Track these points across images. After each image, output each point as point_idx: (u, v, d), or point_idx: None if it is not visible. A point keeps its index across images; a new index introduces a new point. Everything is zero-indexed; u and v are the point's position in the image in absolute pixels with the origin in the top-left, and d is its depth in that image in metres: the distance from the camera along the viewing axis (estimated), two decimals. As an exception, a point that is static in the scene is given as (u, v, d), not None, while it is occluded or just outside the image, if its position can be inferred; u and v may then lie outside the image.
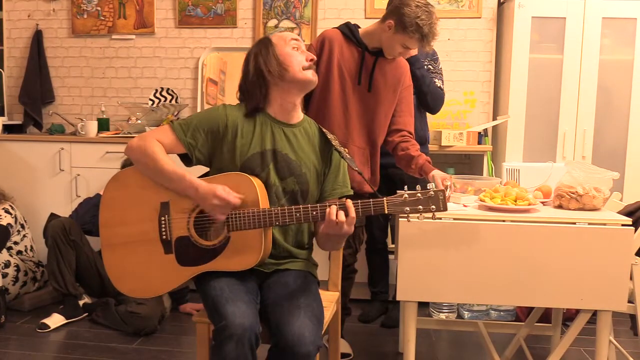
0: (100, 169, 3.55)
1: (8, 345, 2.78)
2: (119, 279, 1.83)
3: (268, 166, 1.81)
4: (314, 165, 1.87)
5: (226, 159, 1.81)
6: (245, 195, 1.72)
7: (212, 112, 1.84)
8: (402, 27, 2.24)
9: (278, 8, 3.85)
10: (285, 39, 1.85)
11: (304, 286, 1.79)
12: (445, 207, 1.65)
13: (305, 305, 1.67)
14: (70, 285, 3.03)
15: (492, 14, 3.71)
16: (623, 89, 3.41)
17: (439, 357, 2.77)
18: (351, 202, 1.67)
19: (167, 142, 1.80)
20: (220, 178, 1.77)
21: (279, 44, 1.84)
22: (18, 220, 3.39)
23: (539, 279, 1.92)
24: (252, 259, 1.72)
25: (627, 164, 3.41)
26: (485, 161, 3.42)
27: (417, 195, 1.64)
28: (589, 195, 2.00)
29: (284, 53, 1.82)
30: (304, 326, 1.59)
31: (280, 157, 1.82)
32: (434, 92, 2.93)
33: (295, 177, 1.84)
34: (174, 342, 2.84)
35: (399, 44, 2.30)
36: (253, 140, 1.81)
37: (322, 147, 1.91)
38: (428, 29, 2.23)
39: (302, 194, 1.85)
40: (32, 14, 4.08)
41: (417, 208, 1.64)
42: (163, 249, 1.78)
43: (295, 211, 1.69)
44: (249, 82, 1.85)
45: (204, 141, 1.81)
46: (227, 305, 1.60)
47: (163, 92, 3.95)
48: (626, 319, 2.64)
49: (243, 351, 1.55)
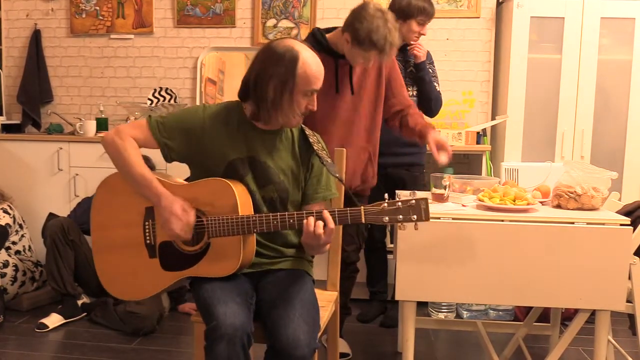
0: (98, 169, 3.54)
1: (7, 345, 2.77)
2: (108, 282, 1.86)
3: (247, 175, 1.79)
4: (292, 171, 1.83)
5: (205, 162, 1.79)
6: (225, 201, 1.70)
7: (191, 113, 1.81)
8: (357, 42, 2.20)
9: (277, 8, 3.85)
10: (311, 84, 1.70)
11: (299, 287, 1.77)
12: (427, 216, 1.59)
13: (300, 307, 1.66)
14: (68, 285, 3.03)
15: (490, 14, 3.71)
16: (621, 88, 3.41)
17: (437, 356, 2.77)
18: (328, 213, 1.63)
19: (141, 138, 1.77)
20: (200, 183, 1.76)
21: (301, 84, 1.69)
22: (16, 220, 3.39)
23: (537, 279, 1.92)
24: (232, 265, 1.71)
25: (625, 164, 3.42)
26: (484, 161, 3.42)
27: (397, 205, 1.60)
28: (587, 195, 2.01)
29: (295, 100, 1.71)
30: (299, 329, 1.58)
31: (258, 165, 1.79)
32: (437, 97, 2.97)
33: (274, 185, 1.81)
34: (172, 342, 2.83)
35: (360, 57, 2.26)
36: (232, 144, 1.78)
37: (302, 151, 1.85)
38: (384, 41, 2.17)
39: (282, 201, 1.83)
40: (31, 13, 4.07)
41: (397, 217, 1.60)
42: (148, 253, 1.79)
43: (273, 219, 1.67)
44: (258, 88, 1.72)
45: (180, 142, 1.78)
46: (219, 305, 1.61)
47: (162, 92, 3.94)
48: (625, 318, 2.64)
49: (235, 351, 1.55)
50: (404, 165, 3.00)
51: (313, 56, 1.72)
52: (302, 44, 1.73)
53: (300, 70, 1.67)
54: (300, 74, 1.68)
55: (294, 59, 1.67)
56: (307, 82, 1.70)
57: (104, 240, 1.84)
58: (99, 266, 1.86)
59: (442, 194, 2.12)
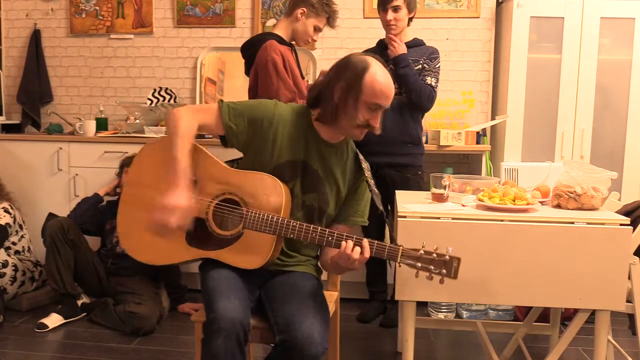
0: (98, 169, 3.54)
1: (6, 345, 2.77)
2: (125, 235, 1.84)
3: (297, 177, 1.81)
4: (337, 187, 1.87)
5: (260, 155, 1.80)
6: (271, 198, 1.72)
7: (262, 104, 1.84)
8: (314, 11, 2.80)
9: (277, 8, 3.85)
10: (376, 97, 1.72)
11: (312, 288, 1.80)
12: (456, 275, 1.64)
13: (315, 307, 1.68)
14: (68, 285, 3.03)
15: (490, 14, 3.71)
16: (621, 88, 3.41)
17: (437, 356, 2.77)
18: (368, 243, 1.66)
19: (209, 122, 1.79)
20: (251, 174, 1.77)
21: (366, 94, 1.72)
22: (16, 220, 3.38)
23: (537, 279, 1.92)
24: (258, 261, 1.72)
25: (625, 164, 3.42)
26: (483, 161, 3.42)
27: (433, 256, 1.64)
28: (587, 194, 2.00)
29: (359, 108, 1.72)
30: (314, 327, 1.60)
31: (310, 170, 1.82)
32: (418, 89, 2.94)
33: (318, 194, 1.84)
34: (172, 342, 2.83)
35: (312, 27, 2.83)
36: (291, 146, 1.81)
37: (352, 172, 1.90)
38: (333, 7, 2.86)
39: (320, 211, 1.85)
40: (31, 13, 4.07)
41: (429, 267, 1.64)
42: None
43: (313, 231, 1.69)
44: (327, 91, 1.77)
45: (244, 129, 1.80)
46: (221, 298, 1.62)
47: (162, 92, 3.94)
48: (624, 318, 2.64)
49: (231, 345, 1.56)
50: (398, 166, 3.00)
51: (385, 73, 1.75)
52: (377, 60, 1.76)
53: (367, 79, 1.71)
54: (366, 83, 1.71)
55: (364, 69, 1.72)
56: (372, 93, 1.72)
57: (135, 194, 1.82)
58: (120, 217, 1.84)
59: (442, 194, 2.12)
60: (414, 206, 2.03)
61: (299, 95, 2.77)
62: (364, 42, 3.50)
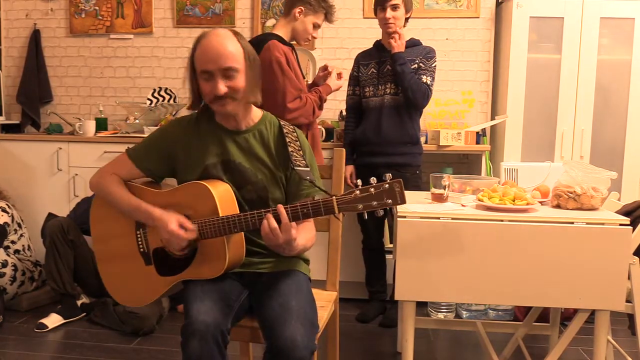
0: (98, 169, 3.53)
1: (6, 345, 2.77)
2: (115, 291, 1.92)
3: (223, 177, 1.79)
4: (269, 169, 1.81)
5: (186, 173, 1.82)
6: (206, 203, 1.71)
7: (162, 132, 1.86)
8: (311, 8, 2.81)
9: (276, 8, 3.85)
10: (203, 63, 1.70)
11: (295, 287, 1.75)
12: (403, 199, 1.54)
13: (298, 309, 1.64)
14: (68, 285, 3.03)
15: (490, 14, 3.71)
16: (621, 88, 3.41)
17: (437, 356, 2.77)
18: (283, 208, 1.59)
19: (126, 172, 1.85)
20: (181, 189, 1.78)
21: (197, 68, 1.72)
22: (15, 219, 3.38)
23: (537, 279, 1.92)
24: (219, 266, 1.71)
25: (625, 164, 3.42)
26: (483, 161, 3.42)
27: (370, 190, 1.55)
28: (586, 194, 2.00)
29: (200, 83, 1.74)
30: (296, 331, 1.57)
31: (233, 166, 1.79)
32: (413, 87, 2.95)
33: (252, 185, 1.80)
34: (172, 342, 2.83)
35: (311, 24, 2.84)
36: (204, 152, 1.79)
37: (280, 149, 1.82)
38: (330, 2, 2.88)
39: (262, 200, 1.80)
40: (30, 13, 4.07)
41: (371, 204, 1.55)
42: (144, 261, 1.82)
43: (244, 218, 1.66)
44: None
45: (160, 163, 1.84)
46: (194, 303, 1.62)
47: (161, 92, 3.94)
48: (624, 318, 2.64)
49: (207, 347, 1.55)
50: (396, 166, 3.00)
51: (214, 36, 1.70)
52: (215, 30, 1.73)
53: (196, 52, 1.71)
54: (196, 57, 1.71)
55: (194, 46, 1.73)
56: (199, 64, 1.70)
57: (103, 251, 1.90)
58: (104, 277, 1.92)
59: (442, 194, 2.12)
60: (413, 206, 2.03)
61: (304, 93, 2.78)
62: (363, 42, 3.50)
